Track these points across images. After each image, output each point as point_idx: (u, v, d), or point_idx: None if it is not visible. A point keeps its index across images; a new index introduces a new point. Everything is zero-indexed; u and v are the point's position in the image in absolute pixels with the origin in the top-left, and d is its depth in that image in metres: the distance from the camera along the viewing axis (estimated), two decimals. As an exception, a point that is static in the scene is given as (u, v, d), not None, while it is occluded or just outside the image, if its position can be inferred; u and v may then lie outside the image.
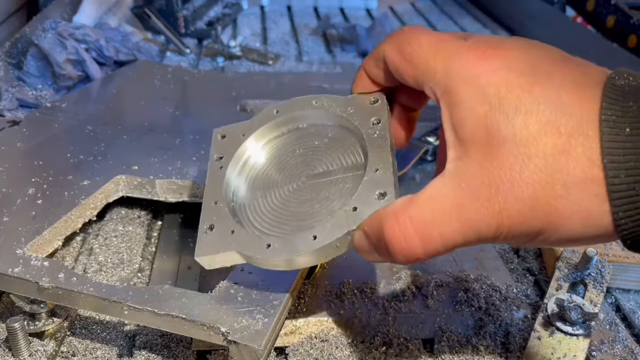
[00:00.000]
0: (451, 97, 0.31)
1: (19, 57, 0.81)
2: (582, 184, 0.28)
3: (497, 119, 0.29)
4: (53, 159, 0.55)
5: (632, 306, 0.48)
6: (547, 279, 0.49)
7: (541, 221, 0.29)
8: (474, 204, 0.29)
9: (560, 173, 0.28)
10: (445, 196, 0.30)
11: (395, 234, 0.30)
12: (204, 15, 1.15)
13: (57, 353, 0.41)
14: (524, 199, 0.29)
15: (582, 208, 0.29)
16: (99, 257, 0.50)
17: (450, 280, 0.48)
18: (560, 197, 0.29)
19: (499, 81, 0.30)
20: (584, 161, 0.28)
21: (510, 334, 0.43)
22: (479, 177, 0.30)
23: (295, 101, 0.42)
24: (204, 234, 0.38)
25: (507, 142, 0.29)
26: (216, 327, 0.36)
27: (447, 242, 0.30)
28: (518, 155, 0.29)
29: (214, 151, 0.43)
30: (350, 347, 0.41)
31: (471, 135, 0.30)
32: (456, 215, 0.30)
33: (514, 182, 0.29)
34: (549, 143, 0.28)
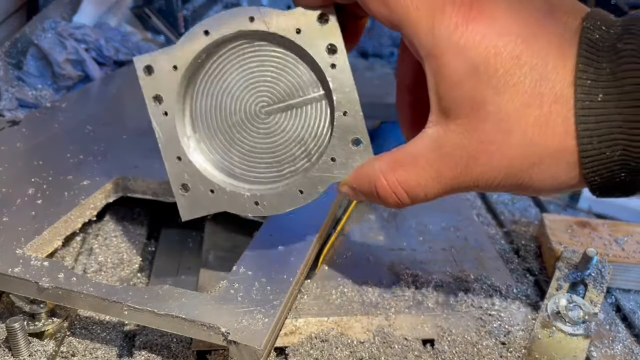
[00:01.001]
0: (437, 64, 0.31)
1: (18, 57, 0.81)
2: (557, 153, 0.30)
3: (484, 93, 0.30)
4: (53, 159, 0.55)
5: (632, 306, 0.48)
6: (547, 279, 0.49)
7: (514, 184, 0.32)
8: (453, 172, 0.32)
9: (537, 146, 0.30)
10: (427, 162, 0.33)
11: (387, 192, 0.34)
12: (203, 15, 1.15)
13: (57, 353, 0.41)
14: (500, 169, 0.31)
15: (554, 174, 0.31)
16: (98, 257, 0.50)
17: (450, 280, 0.48)
18: (534, 165, 0.31)
19: (488, 51, 0.30)
20: (560, 132, 0.29)
21: (511, 334, 0.43)
22: (459, 148, 0.31)
23: (229, 17, 0.36)
24: (180, 195, 0.38)
25: (490, 116, 0.30)
26: (216, 327, 0.36)
27: (431, 197, 0.34)
28: (500, 130, 0.30)
29: (147, 90, 0.39)
30: (350, 347, 0.41)
31: (456, 106, 0.31)
32: (437, 180, 0.33)
33: (493, 155, 0.31)
34: (531, 116, 0.29)
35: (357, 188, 0.36)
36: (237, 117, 0.38)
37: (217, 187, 0.37)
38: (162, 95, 0.39)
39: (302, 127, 0.37)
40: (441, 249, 0.52)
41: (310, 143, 0.37)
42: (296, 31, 0.35)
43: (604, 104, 0.28)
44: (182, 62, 0.37)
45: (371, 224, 0.55)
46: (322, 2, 0.35)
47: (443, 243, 0.53)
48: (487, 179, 0.32)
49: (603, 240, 0.50)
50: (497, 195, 0.62)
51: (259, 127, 0.38)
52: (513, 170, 0.31)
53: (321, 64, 0.35)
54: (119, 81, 0.77)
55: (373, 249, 0.51)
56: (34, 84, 0.78)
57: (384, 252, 0.51)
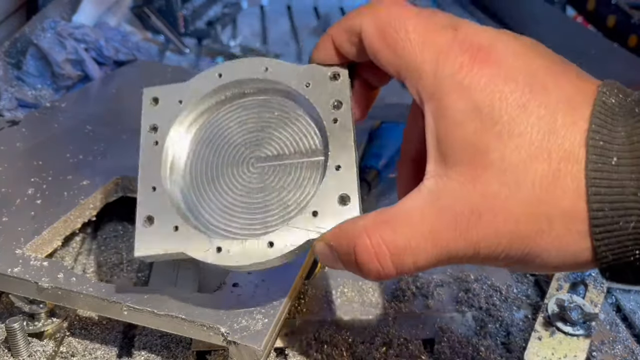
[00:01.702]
0: (439, 106, 0.29)
1: (18, 57, 0.80)
2: (567, 217, 0.27)
3: (487, 139, 0.27)
4: (52, 159, 0.55)
5: (632, 306, 0.48)
6: (547, 279, 0.49)
7: (519, 253, 0.28)
8: (452, 233, 0.28)
9: (546, 205, 0.27)
10: (421, 218, 0.29)
11: (368, 255, 0.29)
12: (203, 14, 1.15)
13: (56, 353, 0.41)
14: (505, 233, 0.28)
15: (563, 243, 0.27)
16: (98, 257, 0.50)
17: (451, 280, 0.48)
18: (543, 231, 0.27)
19: (493, 95, 0.28)
20: (571, 192, 0.27)
21: (511, 334, 0.43)
22: (459, 203, 0.28)
23: (243, 64, 0.36)
24: (142, 227, 0.35)
25: (494, 166, 0.27)
26: (216, 328, 0.36)
27: (421, 266, 0.29)
28: (505, 183, 0.27)
29: (146, 119, 0.38)
30: (350, 347, 0.41)
31: (456, 152, 0.28)
32: (431, 242, 0.28)
33: (497, 212, 0.28)
34: (538, 170, 0.27)
35: (335, 247, 0.31)
36: (227, 168, 0.36)
37: (182, 225, 0.34)
38: (159, 125, 0.38)
39: (291, 182, 0.35)
40: (441, 249, 0.52)
41: (295, 195, 0.34)
42: (306, 85, 0.35)
43: (617, 167, 0.26)
44: (188, 97, 0.37)
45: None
46: (337, 58, 0.34)
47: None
48: (490, 245, 0.28)
49: (603, 240, 0.50)
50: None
51: (245, 182, 0.36)
52: (519, 234, 0.28)
53: (324, 117, 0.34)
54: (119, 81, 0.77)
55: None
56: (34, 84, 0.78)
57: (384, 252, 0.51)
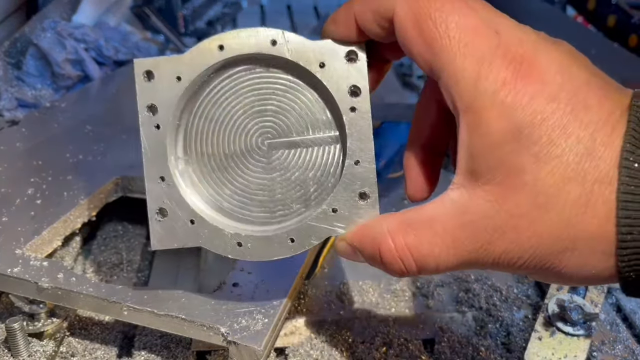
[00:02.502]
0: (476, 121, 0.28)
1: (18, 57, 0.80)
2: (593, 240, 0.27)
3: (523, 161, 0.27)
4: (52, 159, 0.55)
5: (632, 306, 0.48)
6: (547, 279, 0.49)
7: (539, 267, 0.28)
8: (474, 245, 0.28)
9: (574, 228, 0.27)
10: (445, 228, 0.29)
11: (393, 257, 0.30)
12: (203, 14, 1.15)
13: (56, 353, 0.41)
14: (528, 249, 0.28)
15: (585, 263, 0.27)
16: (98, 257, 0.50)
17: (451, 280, 0.48)
18: (567, 250, 0.27)
19: (534, 115, 0.27)
20: (601, 215, 0.26)
21: (511, 334, 0.43)
22: (484, 220, 0.28)
23: (248, 36, 0.33)
24: (156, 221, 0.34)
25: (526, 187, 0.27)
26: (216, 328, 0.36)
27: (442, 270, 0.30)
28: (535, 205, 0.27)
29: (143, 98, 0.35)
30: (350, 347, 0.41)
31: (489, 169, 0.28)
32: (453, 251, 0.29)
33: (522, 231, 0.27)
34: (571, 193, 0.26)
35: (358, 247, 0.32)
36: (235, 146, 0.34)
37: (198, 218, 0.33)
38: (157, 106, 0.35)
39: (306, 168, 0.34)
40: (441, 249, 0.52)
41: (312, 187, 0.34)
42: (319, 65, 0.32)
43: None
44: (187, 74, 0.33)
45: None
46: (357, 37, 0.32)
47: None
48: (511, 258, 0.28)
49: (604, 240, 0.50)
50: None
51: (257, 161, 0.34)
52: (542, 252, 0.28)
53: (340, 105, 0.32)
54: (119, 81, 0.77)
55: (373, 249, 0.51)
56: (34, 84, 0.78)
57: (384, 252, 0.51)
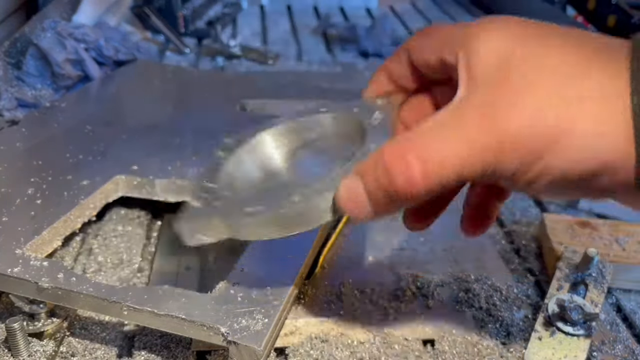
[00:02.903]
0: (471, 45, 0.30)
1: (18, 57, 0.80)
2: (601, 98, 0.26)
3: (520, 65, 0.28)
4: (52, 159, 0.55)
5: (632, 306, 0.48)
6: (547, 279, 0.49)
7: (545, 140, 0.27)
8: (478, 125, 0.28)
9: (573, 88, 0.27)
10: (450, 119, 0.29)
11: (395, 160, 0.29)
12: (203, 14, 1.15)
13: (56, 353, 0.41)
14: (530, 113, 0.27)
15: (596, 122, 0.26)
16: (98, 257, 0.50)
17: (451, 280, 0.48)
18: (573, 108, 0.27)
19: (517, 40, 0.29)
20: (606, 77, 0.27)
21: (511, 334, 0.43)
22: (485, 105, 0.28)
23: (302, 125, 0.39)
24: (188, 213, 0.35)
25: (520, 67, 0.28)
26: (216, 328, 0.36)
27: (449, 167, 0.28)
28: (528, 82, 0.28)
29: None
30: (350, 347, 0.41)
31: (486, 73, 0.29)
32: (460, 138, 0.28)
33: (522, 103, 0.27)
34: (569, 62, 0.28)
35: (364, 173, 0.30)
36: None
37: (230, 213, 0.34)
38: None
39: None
40: (442, 249, 0.52)
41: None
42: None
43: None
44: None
45: (371, 224, 0.55)
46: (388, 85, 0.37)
47: (444, 243, 0.53)
48: (516, 135, 0.27)
49: (604, 240, 0.50)
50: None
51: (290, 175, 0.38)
52: (543, 117, 0.27)
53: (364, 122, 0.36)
54: (119, 81, 0.77)
55: (373, 249, 0.51)
56: (34, 84, 0.78)
57: (384, 252, 0.51)
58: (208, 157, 0.42)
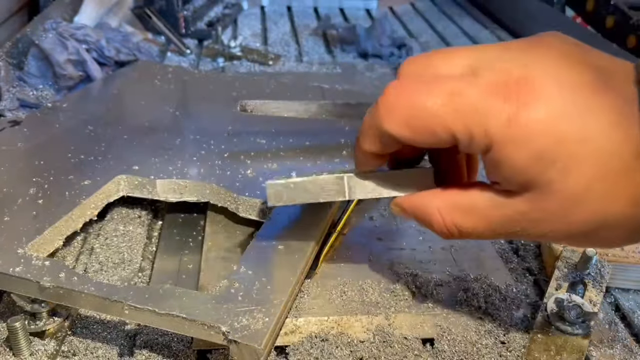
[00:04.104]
0: (498, 156, 0.30)
1: (19, 58, 0.81)
2: (619, 221, 0.30)
3: (550, 175, 0.29)
4: (54, 159, 0.56)
5: (631, 306, 0.48)
6: (546, 279, 0.49)
7: (571, 243, 0.34)
8: (511, 230, 0.33)
9: (602, 215, 0.30)
10: (485, 216, 0.33)
11: (442, 228, 0.35)
12: (204, 15, 1.15)
13: (57, 352, 0.41)
14: (560, 232, 0.32)
15: (616, 236, 0.31)
16: (99, 257, 0.50)
17: (450, 279, 0.48)
18: (596, 229, 0.30)
19: (549, 138, 0.28)
20: (626, 203, 0.29)
21: (510, 334, 0.43)
22: (520, 214, 0.31)
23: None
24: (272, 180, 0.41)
25: (557, 194, 0.29)
26: (217, 327, 0.36)
27: (483, 238, 0.35)
28: (565, 206, 0.30)
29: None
30: (350, 346, 0.42)
31: (520, 188, 0.31)
32: (491, 231, 0.34)
33: (554, 223, 0.31)
34: (597, 191, 0.29)
35: (411, 214, 0.37)
36: None
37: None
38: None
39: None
40: (441, 249, 0.52)
41: None
42: None
43: None
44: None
45: (371, 223, 0.55)
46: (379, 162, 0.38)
47: (443, 242, 0.53)
48: (547, 238, 0.32)
49: (602, 240, 0.51)
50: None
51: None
52: (574, 233, 0.31)
53: None
54: (120, 81, 0.77)
55: (373, 249, 0.52)
56: (35, 84, 0.78)
57: (384, 252, 0.51)
58: (208, 157, 0.43)
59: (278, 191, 0.41)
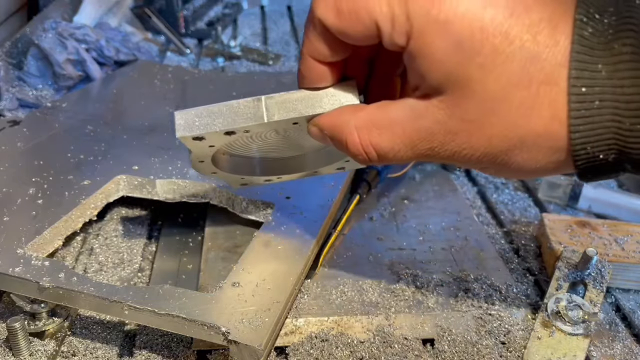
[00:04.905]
0: (418, 45, 0.29)
1: (19, 57, 0.81)
2: (540, 138, 0.28)
3: (469, 71, 0.28)
4: (53, 159, 0.55)
5: (631, 306, 0.48)
6: (547, 279, 0.49)
7: (491, 163, 0.30)
8: (428, 146, 0.31)
9: (520, 128, 0.29)
10: (403, 131, 0.31)
11: (358, 149, 0.33)
12: (204, 15, 1.15)
13: (57, 353, 0.41)
14: (478, 148, 0.30)
15: (534, 158, 0.29)
16: (99, 257, 0.50)
17: (450, 280, 0.48)
18: (515, 147, 0.29)
19: (472, 25, 0.27)
20: (547, 116, 0.28)
21: (510, 334, 0.43)
22: (438, 124, 0.30)
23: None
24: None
25: (475, 95, 0.28)
26: (216, 327, 0.36)
27: (401, 161, 0.33)
28: (483, 110, 0.29)
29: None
30: (350, 346, 0.41)
31: (439, 85, 0.29)
32: (411, 149, 0.32)
33: (472, 134, 0.29)
34: (517, 97, 0.28)
35: (328, 134, 0.35)
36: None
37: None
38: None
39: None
40: (441, 249, 0.52)
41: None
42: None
43: (602, 88, 0.27)
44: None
45: (371, 224, 0.55)
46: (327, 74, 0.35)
47: (443, 243, 0.53)
48: (464, 155, 0.31)
49: (603, 240, 0.51)
50: (497, 195, 0.62)
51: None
52: (491, 150, 0.30)
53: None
54: (120, 81, 0.77)
55: (373, 249, 0.51)
56: (35, 84, 0.78)
57: (384, 252, 0.51)
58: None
59: (189, 119, 0.37)
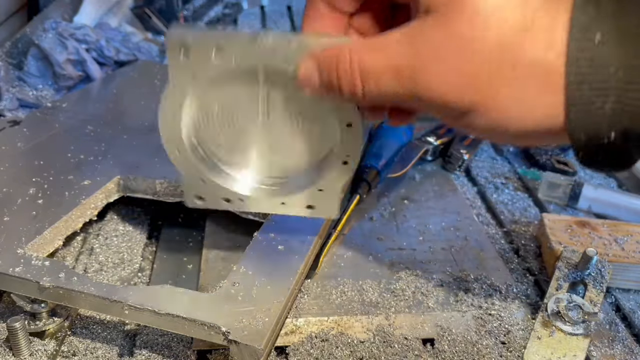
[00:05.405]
0: None
1: (19, 57, 0.81)
2: (533, 65, 0.27)
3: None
4: (54, 159, 0.55)
5: (631, 306, 0.48)
6: (547, 279, 0.49)
7: (474, 97, 0.28)
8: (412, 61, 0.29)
9: (513, 52, 0.27)
10: (394, 51, 0.30)
11: (346, 73, 0.31)
12: (204, 15, 1.15)
13: (57, 352, 0.41)
14: (464, 72, 0.28)
15: (525, 94, 0.27)
16: (99, 257, 0.50)
17: (450, 280, 0.48)
18: (505, 77, 0.27)
19: None
20: (541, 43, 0.27)
21: (511, 334, 0.43)
22: (428, 42, 0.29)
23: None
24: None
25: (466, 10, 0.28)
26: (217, 327, 0.36)
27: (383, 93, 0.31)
28: (474, 26, 0.27)
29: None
30: (350, 346, 0.42)
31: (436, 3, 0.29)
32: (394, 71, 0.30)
33: (460, 52, 0.28)
34: (510, 17, 0.27)
35: (321, 64, 0.32)
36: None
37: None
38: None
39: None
40: (441, 249, 0.52)
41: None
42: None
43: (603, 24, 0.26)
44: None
45: (371, 224, 0.55)
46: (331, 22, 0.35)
47: (443, 243, 0.53)
48: (446, 83, 0.29)
49: (603, 240, 0.51)
50: (497, 195, 0.62)
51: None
52: (478, 77, 0.28)
53: None
54: (120, 81, 0.77)
55: (373, 249, 0.51)
56: (35, 84, 0.78)
57: (384, 252, 0.51)
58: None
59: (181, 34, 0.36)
